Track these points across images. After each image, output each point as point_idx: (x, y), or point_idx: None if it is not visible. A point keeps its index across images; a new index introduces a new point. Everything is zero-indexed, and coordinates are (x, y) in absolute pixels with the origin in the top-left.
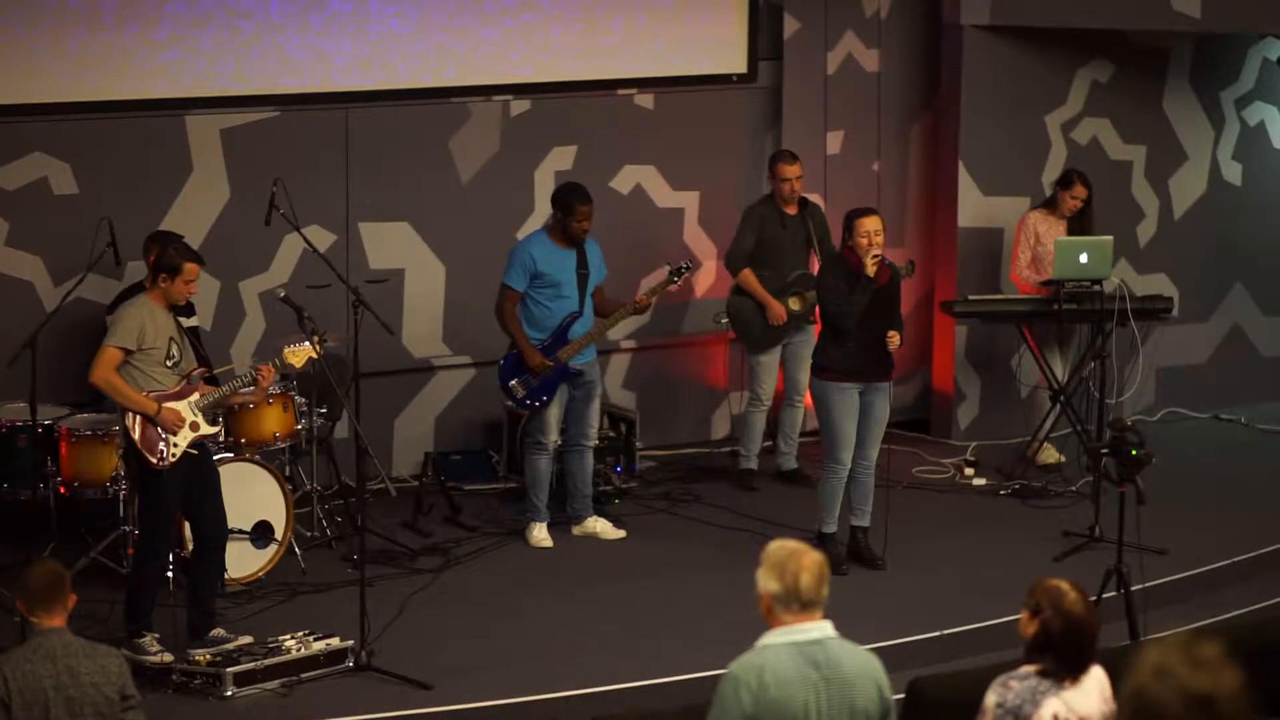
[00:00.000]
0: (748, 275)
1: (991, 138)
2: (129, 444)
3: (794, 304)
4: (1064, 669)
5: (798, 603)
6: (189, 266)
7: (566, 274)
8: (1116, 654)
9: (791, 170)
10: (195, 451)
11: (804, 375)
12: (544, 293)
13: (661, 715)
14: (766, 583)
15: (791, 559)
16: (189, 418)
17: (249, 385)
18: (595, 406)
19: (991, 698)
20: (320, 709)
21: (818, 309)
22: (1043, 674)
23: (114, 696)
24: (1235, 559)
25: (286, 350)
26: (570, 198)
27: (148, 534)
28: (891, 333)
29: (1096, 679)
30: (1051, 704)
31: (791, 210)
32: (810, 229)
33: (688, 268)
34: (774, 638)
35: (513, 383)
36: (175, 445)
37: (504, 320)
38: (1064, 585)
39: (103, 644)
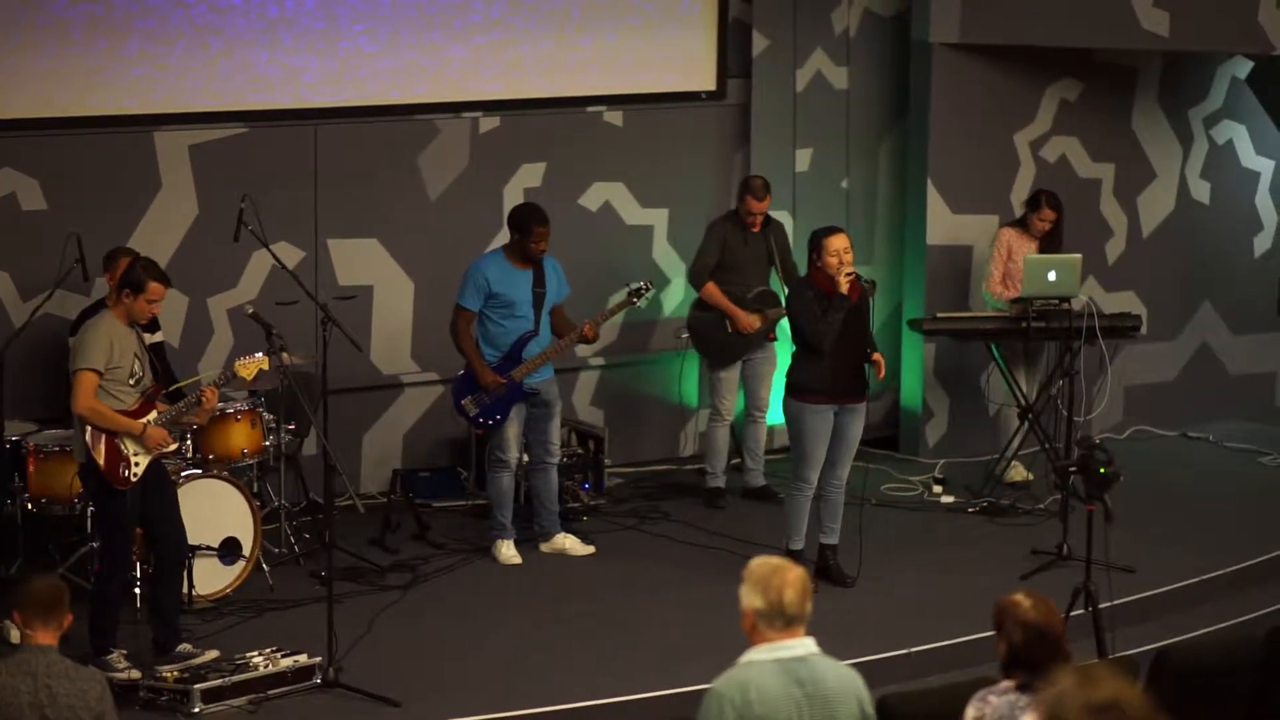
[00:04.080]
0: (712, 289)
1: (960, 155)
2: (88, 461)
3: (755, 321)
4: (1037, 677)
5: (781, 619)
6: (153, 286)
7: (522, 293)
8: None
9: (759, 206)
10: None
11: (764, 391)
12: (499, 312)
13: None
14: (751, 599)
15: (775, 575)
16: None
17: (195, 405)
18: (555, 424)
19: (970, 713)
20: None
21: (780, 326)
22: (1020, 688)
23: None
24: (1203, 577)
25: (238, 363)
26: (528, 219)
27: (108, 552)
28: (875, 354)
29: None
30: (1030, 718)
31: (754, 226)
32: (772, 245)
33: (647, 288)
34: (758, 654)
35: (465, 400)
36: (137, 464)
37: (457, 339)
38: (1018, 597)
39: (86, 667)
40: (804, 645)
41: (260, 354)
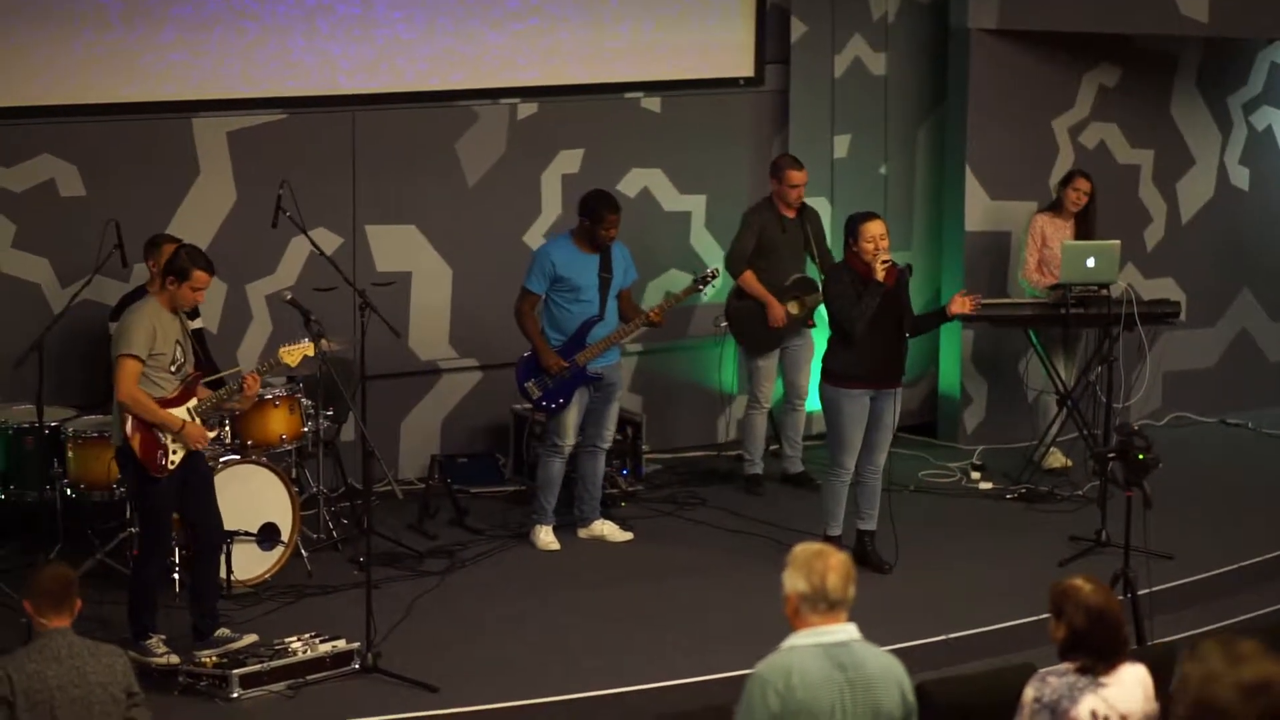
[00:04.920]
0: (749, 277)
1: (999, 142)
2: (125, 448)
3: (792, 308)
4: (1099, 661)
5: (825, 603)
6: (198, 274)
7: (588, 278)
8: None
9: (800, 177)
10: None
11: (803, 379)
12: (564, 296)
13: (666, 718)
14: (794, 583)
15: (818, 559)
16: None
17: (237, 391)
18: (614, 410)
19: (1029, 692)
20: (326, 711)
21: (818, 313)
22: (1080, 670)
23: (120, 695)
24: (1242, 564)
25: (282, 350)
26: (600, 206)
27: (145, 537)
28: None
29: (1139, 677)
30: (1089, 700)
31: (790, 214)
32: (808, 232)
33: (714, 275)
34: (800, 639)
35: (528, 383)
36: (175, 453)
37: (521, 322)
38: (1078, 581)
39: (106, 643)
40: (846, 630)
41: (306, 340)
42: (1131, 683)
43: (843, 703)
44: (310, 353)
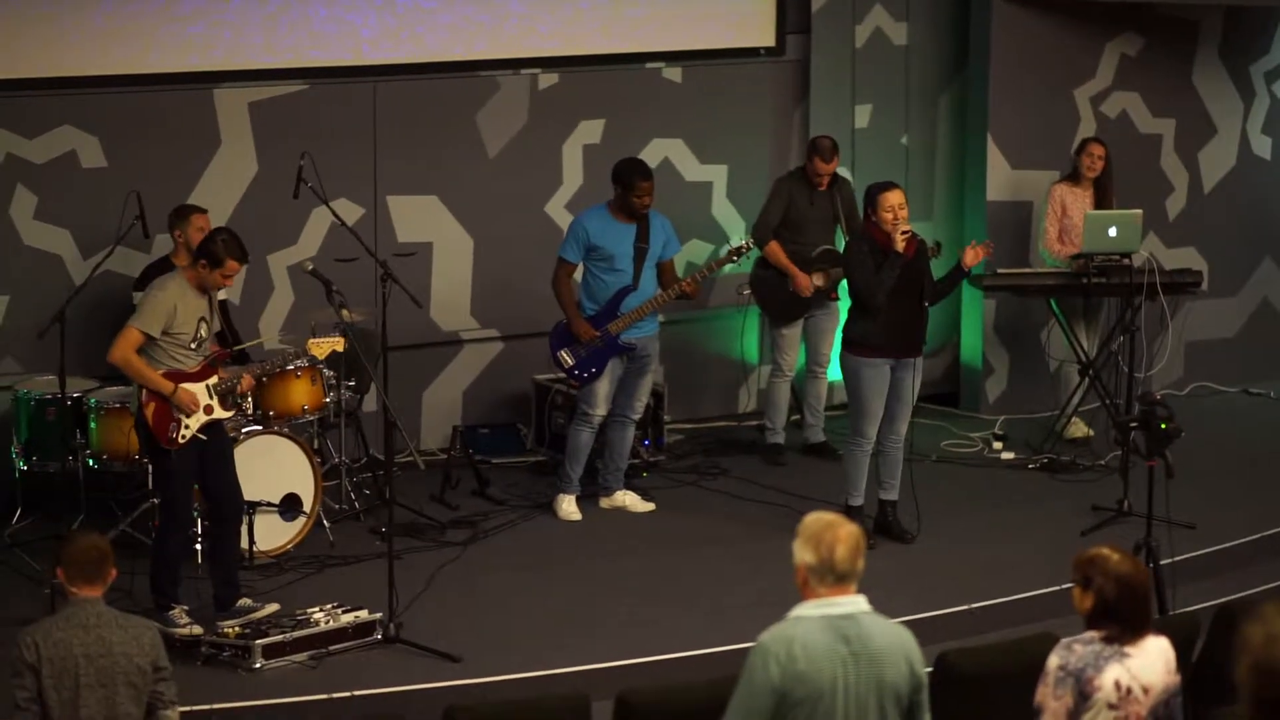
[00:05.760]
0: (774, 247)
1: (1020, 111)
2: (140, 419)
3: (817, 279)
4: (1127, 631)
5: (833, 575)
6: (231, 264)
7: (622, 247)
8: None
9: (827, 168)
10: (204, 436)
11: (826, 347)
12: (599, 265)
13: (690, 688)
14: (802, 554)
15: (828, 530)
16: (204, 400)
17: (232, 388)
18: (647, 382)
19: (1054, 660)
20: (348, 681)
21: (841, 285)
22: (1106, 639)
23: (146, 668)
24: (1264, 533)
25: (311, 342)
26: (630, 174)
27: (166, 508)
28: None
29: (1161, 650)
30: (1114, 670)
31: (821, 186)
32: (838, 205)
33: (748, 247)
34: (806, 610)
35: (561, 352)
36: (187, 427)
37: (556, 290)
38: (1106, 550)
39: (137, 615)
40: (853, 603)
41: (337, 335)
42: (1155, 654)
43: (845, 675)
44: (340, 348)
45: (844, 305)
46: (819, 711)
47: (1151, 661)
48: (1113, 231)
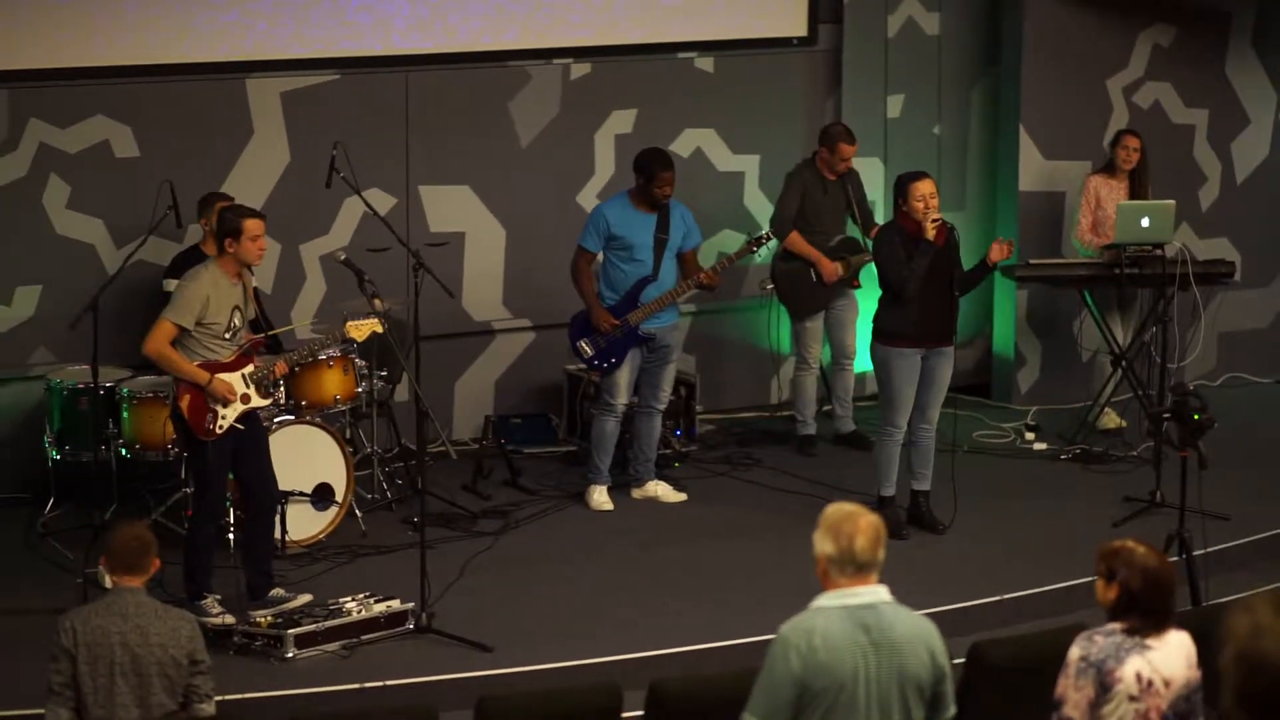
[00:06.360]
0: (796, 237)
1: (1053, 101)
2: (176, 411)
3: (839, 268)
4: (1149, 624)
5: (853, 565)
6: (249, 223)
7: (642, 237)
8: (1184, 618)
9: (851, 151)
10: (241, 426)
11: (849, 338)
12: (619, 255)
13: (719, 678)
14: (822, 545)
15: (847, 521)
16: (240, 389)
17: (267, 373)
18: (669, 371)
19: (1075, 651)
20: (381, 671)
21: (866, 273)
22: (1129, 631)
23: (182, 660)
24: None
25: (350, 324)
26: (652, 163)
27: (199, 498)
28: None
29: (1182, 644)
30: (1135, 662)
31: (832, 176)
32: (849, 193)
33: (768, 238)
34: (827, 600)
35: (581, 342)
36: (224, 417)
37: (576, 279)
38: (1130, 543)
39: (177, 607)
40: (874, 593)
41: (375, 317)
42: (1176, 648)
43: (866, 665)
44: (379, 329)
45: (863, 295)
46: (840, 702)
47: (1173, 654)
48: (1145, 222)
